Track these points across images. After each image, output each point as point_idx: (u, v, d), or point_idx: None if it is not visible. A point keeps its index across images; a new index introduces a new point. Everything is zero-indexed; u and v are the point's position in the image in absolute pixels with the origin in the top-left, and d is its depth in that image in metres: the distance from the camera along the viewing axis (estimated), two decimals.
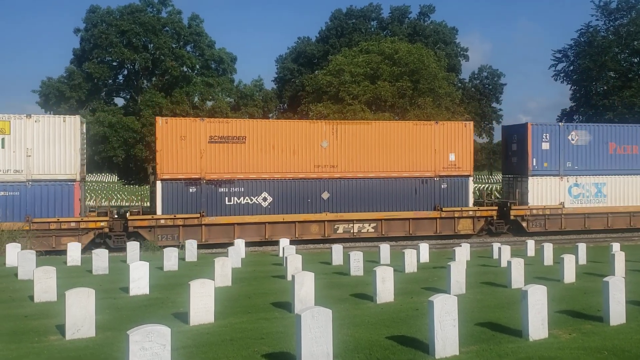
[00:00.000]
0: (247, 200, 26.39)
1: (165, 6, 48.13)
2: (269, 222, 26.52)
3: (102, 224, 24.74)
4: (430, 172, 28.47)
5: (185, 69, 47.05)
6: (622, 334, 9.52)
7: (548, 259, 19.25)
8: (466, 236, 28.86)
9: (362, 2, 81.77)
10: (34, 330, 10.30)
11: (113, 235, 25.32)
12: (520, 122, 33.49)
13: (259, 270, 18.33)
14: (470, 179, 29.22)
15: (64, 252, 21.72)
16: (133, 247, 20.16)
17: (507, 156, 32.16)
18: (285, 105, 56.05)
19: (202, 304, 10.70)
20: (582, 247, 19.74)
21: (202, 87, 46.32)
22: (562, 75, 46.80)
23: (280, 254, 21.38)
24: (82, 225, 24.35)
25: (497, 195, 45.98)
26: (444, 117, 38.17)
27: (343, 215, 27.43)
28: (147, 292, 13.92)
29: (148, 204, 29.97)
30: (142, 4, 46.99)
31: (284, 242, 22.51)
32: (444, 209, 28.44)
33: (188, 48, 48.84)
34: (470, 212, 28.95)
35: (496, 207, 30.22)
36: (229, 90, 48.72)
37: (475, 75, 60.22)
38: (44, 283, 13.14)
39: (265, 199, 26.67)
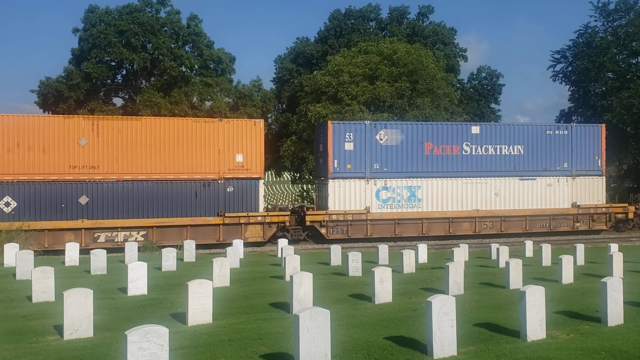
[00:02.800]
0: None
1: (164, 6, 48.16)
2: (15, 230, 23.28)
3: None
4: (213, 174, 26.05)
5: (183, 69, 47.07)
6: (620, 334, 9.53)
7: (546, 259, 19.27)
8: (258, 244, 26.93)
9: (361, 3, 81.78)
10: (32, 331, 10.29)
11: None
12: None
13: (257, 271, 18.33)
14: (261, 181, 26.88)
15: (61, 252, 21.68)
16: (131, 248, 20.15)
17: (317, 157, 29.96)
18: (284, 105, 56.05)
19: (200, 304, 10.69)
20: (580, 248, 19.77)
21: (200, 87, 46.34)
22: (560, 76, 46.80)
23: (279, 255, 21.38)
24: None
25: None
26: (443, 117, 38.21)
27: (104, 223, 24.51)
28: (145, 293, 13.92)
29: None
30: (141, 4, 46.99)
31: (283, 242, 22.45)
32: (227, 215, 25.96)
33: (187, 48, 48.86)
34: (259, 218, 26.45)
35: (289, 213, 28.06)
36: (228, 90, 48.74)
37: (474, 76, 60.22)
38: (42, 283, 13.13)
39: (7, 204, 23.74)
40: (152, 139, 25.45)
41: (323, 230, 27.24)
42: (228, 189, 26.19)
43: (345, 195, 27.54)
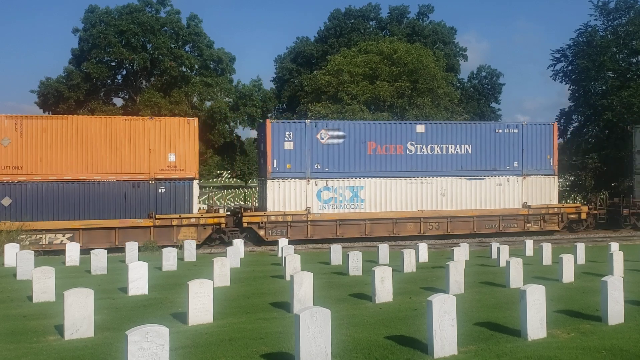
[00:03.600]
0: None
1: (163, 6, 48.18)
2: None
3: None
4: (144, 174, 25.24)
5: (183, 69, 47.10)
6: (621, 333, 9.53)
7: (547, 258, 19.27)
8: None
9: (361, 2, 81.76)
10: (32, 331, 10.29)
11: None
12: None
13: (257, 270, 18.33)
14: (195, 182, 26.01)
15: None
16: (132, 248, 20.16)
17: (259, 157, 29.50)
18: (284, 105, 56.05)
19: (201, 304, 10.69)
20: (580, 247, 19.76)
21: (200, 87, 46.36)
22: (560, 75, 46.81)
23: (279, 254, 21.38)
24: None
25: None
26: (443, 116, 38.19)
27: (28, 225, 23.51)
28: (146, 292, 13.92)
29: None
30: (141, 4, 47.01)
31: (283, 242, 22.49)
32: (158, 217, 25.16)
33: (187, 48, 48.89)
34: (193, 220, 25.68)
35: (224, 214, 27.19)
36: (228, 90, 48.77)
37: (474, 75, 60.25)
38: (43, 283, 13.13)
39: None
40: (79, 139, 24.68)
41: (261, 232, 26.50)
42: (160, 190, 25.32)
43: (285, 196, 26.87)
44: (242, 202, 40.70)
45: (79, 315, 9.77)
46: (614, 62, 43.88)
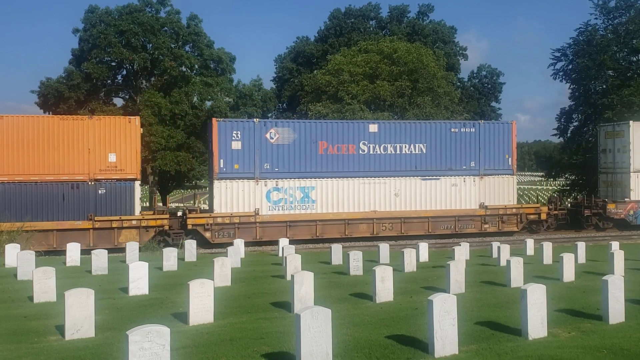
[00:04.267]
0: None
1: (163, 6, 48.14)
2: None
3: None
4: (82, 175, 24.49)
5: (184, 69, 47.06)
6: (621, 332, 9.53)
7: (547, 257, 19.27)
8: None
9: (361, 2, 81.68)
10: (33, 331, 10.30)
11: None
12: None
13: (258, 270, 18.34)
14: (137, 182, 25.29)
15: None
16: (132, 248, 20.17)
17: (209, 157, 28.45)
18: (284, 105, 56.05)
19: (202, 304, 10.70)
20: (581, 246, 19.77)
21: (201, 87, 46.33)
22: (561, 74, 46.80)
23: (280, 254, 21.39)
24: None
25: None
26: (443, 116, 38.18)
27: None
28: (147, 292, 13.93)
29: None
30: (141, 4, 46.98)
31: (284, 241, 22.50)
32: (97, 219, 24.39)
33: (187, 48, 48.85)
34: (134, 222, 24.88)
35: (167, 216, 26.15)
36: (228, 90, 48.74)
37: (474, 75, 60.24)
38: (43, 283, 13.14)
39: None
40: (14, 138, 23.97)
41: (207, 234, 25.83)
42: (99, 191, 24.64)
43: (233, 197, 26.16)
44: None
45: (80, 315, 9.78)
46: (615, 61, 43.87)
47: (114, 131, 24.94)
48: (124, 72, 49.62)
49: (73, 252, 20.22)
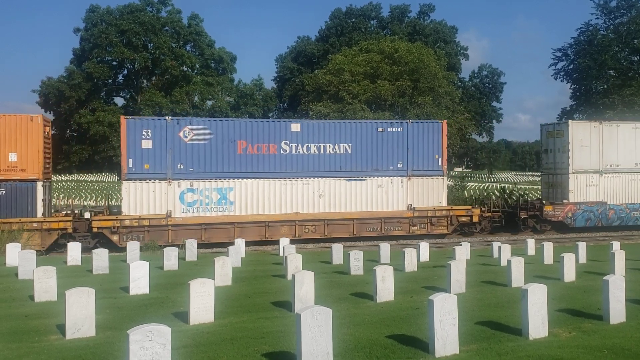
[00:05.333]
0: None
1: (164, 5, 48.29)
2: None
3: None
4: None
5: (185, 69, 47.16)
6: (622, 332, 9.53)
7: (548, 257, 19.26)
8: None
9: (362, 1, 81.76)
10: (34, 330, 10.31)
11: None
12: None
13: (259, 270, 18.34)
14: (39, 183, 24.04)
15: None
16: (133, 247, 20.18)
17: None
18: (285, 104, 56.05)
19: (202, 303, 10.70)
20: (582, 246, 19.76)
21: (202, 86, 46.43)
22: (562, 74, 46.83)
23: (281, 253, 21.40)
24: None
25: None
26: (444, 115, 38.18)
27: None
28: (147, 292, 13.93)
29: None
30: (142, 3, 47.07)
31: (284, 241, 22.51)
32: None
33: (188, 47, 48.99)
34: (35, 224, 23.74)
35: (71, 218, 24.88)
36: (229, 89, 48.86)
37: (475, 74, 60.24)
38: (44, 283, 13.15)
39: None
40: None
41: (115, 238, 24.55)
42: None
43: (143, 198, 24.95)
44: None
45: (81, 314, 9.78)
46: (616, 61, 43.88)
47: (14, 130, 23.79)
48: (125, 72, 49.78)
49: (74, 252, 20.24)
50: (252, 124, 26.74)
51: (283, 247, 20.83)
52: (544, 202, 30.97)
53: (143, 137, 24.91)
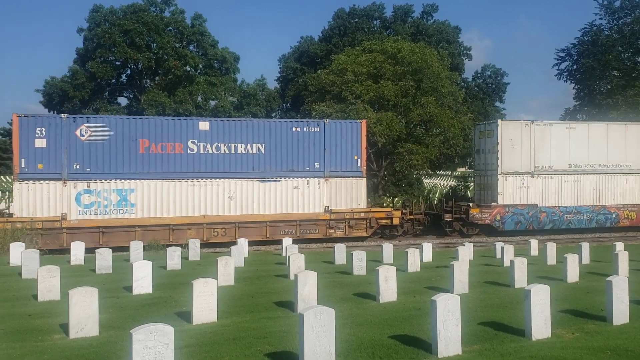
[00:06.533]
0: None
1: (168, 5, 48.29)
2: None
3: None
4: None
5: (188, 69, 47.17)
6: (626, 333, 9.51)
7: (551, 258, 19.24)
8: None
9: (365, 2, 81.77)
10: (37, 329, 10.34)
11: None
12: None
13: (261, 270, 18.36)
14: None
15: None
16: (136, 247, 20.22)
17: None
18: (288, 104, 56.06)
19: (205, 303, 10.72)
20: (585, 247, 19.73)
21: (205, 86, 46.44)
22: (565, 74, 46.74)
23: (283, 253, 21.41)
24: None
25: None
26: (447, 116, 38.13)
27: None
28: (150, 291, 13.96)
29: None
30: (145, 3, 47.12)
31: (287, 241, 22.51)
32: None
33: (191, 47, 48.99)
34: None
35: None
36: (232, 89, 48.86)
37: (479, 75, 60.14)
38: (48, 282, 13.18)
39: None
40: None
41: None
42: None
43: (37, 200, 23.82)
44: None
45: (84, 314, 9.81)
46: (619, 61, 43.80)
47: None
48: (128, 72, 49.79)
49: (77, 251, 20.28)
50: (156, 122, 25.78)
51: (286, 247, 20.85)
52: (470, 204, 29.87)
53: (37, 135, 23.78)
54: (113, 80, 48.69)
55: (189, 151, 25.55)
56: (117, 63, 47.32)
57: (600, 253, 21.49)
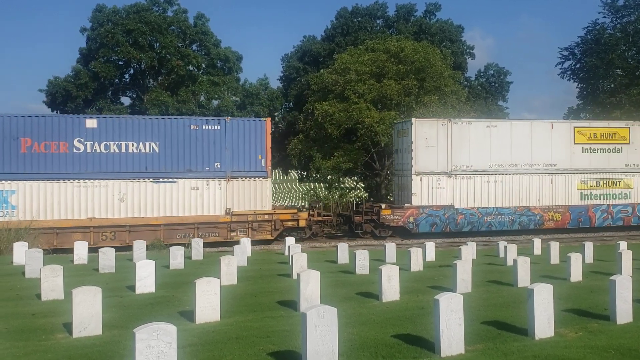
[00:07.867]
0: None
1: (171, 5, 48.32)
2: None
3: None
4: None
5: (191, 68, 47.19)
6: (629, 332, 9.49)
7: (554, 257, 19.20)
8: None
9: (368, 1, 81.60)
10: (41, 329, 10.36)
11: None
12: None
13: (264, 269, 18.37)
14: None
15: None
16: (139, 246, 20.26)
17: None
18: (291, 103, 56.05)
19: (208, 302, 10.73)
20: (588, 246, 19.69)
21: (208, 86, 46.45)
22: (568, 73, 46.64)
23: (286, 253, 21.42)
24: None
25: None
26: (450, 115, 38.11)
27: None
28: (153, 291, 13.98)
29: None
30: (148, 3, 47.16)
31: (290, 241, 22.52)
32: None
33: (194, 47, 49.00)
34: None
35: None
36: (235, 89, 48.86)
37: (482, 74, 60.02)
38: (51, 281, 13.21)
39: None
40: None
41: None
42: None
43: None
44: None
45: (87, 313, 9.83)
46: (623, 60, 43.68)
47: None
48: (131, 71, 49.82)
49: (80, 250, 20.33)
50: (39, 119, 24.36)
51: (289, 247, 20.87)
52: (382, 205, 28.96)
53: None
54: (116, 80, 48.73)
55: (74, 150, 24.40)
56: (120, 63, 47.36)
57: (603, 252, 21.44)
